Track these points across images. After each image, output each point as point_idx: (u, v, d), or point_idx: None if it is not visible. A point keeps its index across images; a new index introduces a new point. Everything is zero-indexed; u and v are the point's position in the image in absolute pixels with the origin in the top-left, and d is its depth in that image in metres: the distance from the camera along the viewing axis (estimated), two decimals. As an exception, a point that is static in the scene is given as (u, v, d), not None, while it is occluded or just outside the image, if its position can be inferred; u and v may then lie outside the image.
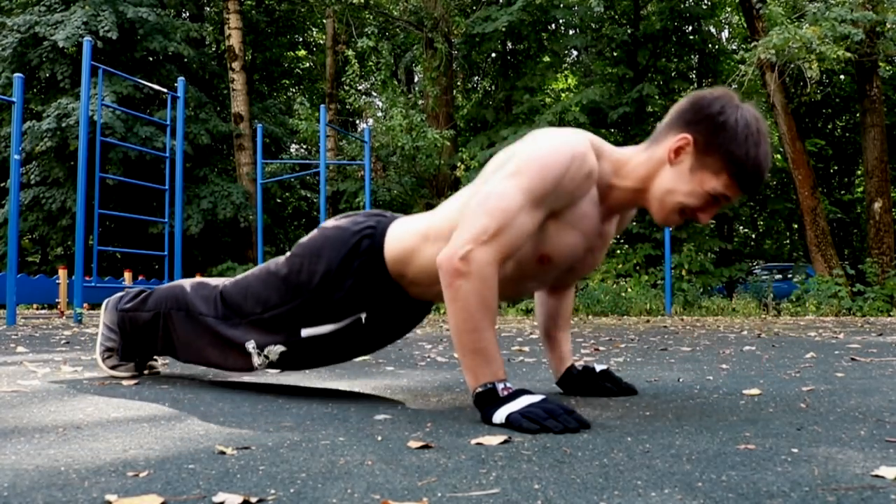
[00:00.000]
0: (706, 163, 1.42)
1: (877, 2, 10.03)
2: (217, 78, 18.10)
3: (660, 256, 12.13)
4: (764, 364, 2.65)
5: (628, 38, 14.88)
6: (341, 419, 1.42)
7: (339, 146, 17.16)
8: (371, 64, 14.22)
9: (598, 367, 1.85)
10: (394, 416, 1.46)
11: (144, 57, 15.83)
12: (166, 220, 7.82)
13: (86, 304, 10.65)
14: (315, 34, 22.01)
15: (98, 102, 7.33)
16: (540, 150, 1.41)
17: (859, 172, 16.93)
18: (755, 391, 1.84)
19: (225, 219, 15.64)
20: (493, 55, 16.62)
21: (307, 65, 22.79)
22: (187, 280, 1.98)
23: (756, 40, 10.82)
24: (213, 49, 19.30)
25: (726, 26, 19.94)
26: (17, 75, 6.34)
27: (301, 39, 22.07)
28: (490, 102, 16.08)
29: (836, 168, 19.00)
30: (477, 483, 0.91)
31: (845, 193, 18.66)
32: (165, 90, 8.07)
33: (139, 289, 2.09)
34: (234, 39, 16.14)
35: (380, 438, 1.22)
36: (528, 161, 1.40)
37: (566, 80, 19.20)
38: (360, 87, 21.16)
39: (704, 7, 15.62)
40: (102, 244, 14.28)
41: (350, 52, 13.64)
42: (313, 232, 1.75)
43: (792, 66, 10.29)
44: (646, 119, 15.46)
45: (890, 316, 9.53)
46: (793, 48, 9.57)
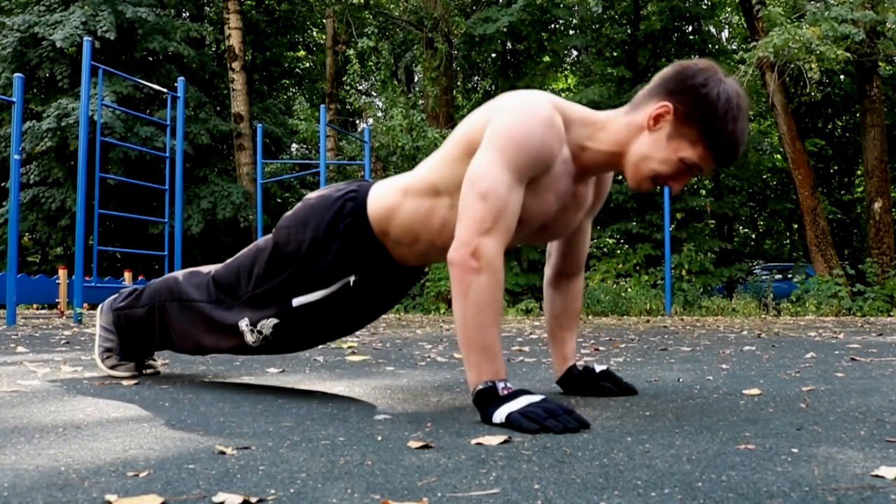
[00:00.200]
0: (684, 132, 1.45)
1: (877, 1, 10.02)
2: (217, 78, 18.10)
3: (660, 256, 12.13)
4: (764, 364, 2.65)
5: (628, 38, 14.88)
6: (341, 419, 1.42)
7: (339, 146, 17.16)
8: (371, 64, 14.22)
9: (599, 367, 1.85)
10: (394, 416, 1.46)
11: (144, 57, 15.83)
12: (166, 220, 7.82)
13: (86, 304, 10.64)
14: (315, 34, 22.01)
15: (98, 102, 7.33)
16: (515, 122, 1.43)
17: (859, 172, 16.93)
18: (755, 391, 1.84)
19: (225, 219, 15.64)
20: (493, 55, 16.62)
21: (307, 65, 22.79)
22: (180, 271, 1.99)
23: (756, 40, 10.83)
24: (213, 49, 19.29)
25: (726, 26, 19.94)
26: (17, 75, 6.34)
27: (301, 39, 22.07)
28: (490, 102, 16.05)
29: (836, 168, 19.00)
30: (477, 483, 0.91)
31: (845, 193, 18.66)
32: (165, 90, 8.07)
33: (131, 288, 2.10)
34: (234, 39, 16.14)
35: (380, 438, 1.22)
36: (506, 137, 1.42)
37: (566, 80, 19.21)
38: (360, 87, 21.15)
39: (704, 7, 15.62)
40: (102, 244, 14.27)
41: (351, 52, 13.65)
42: (297, 205, 1.78)
43: (792, 67, 10.29)
44: (646, 119, 15.41)
45: (890, 316, 9.53)
46: (792, 48, 9.57)
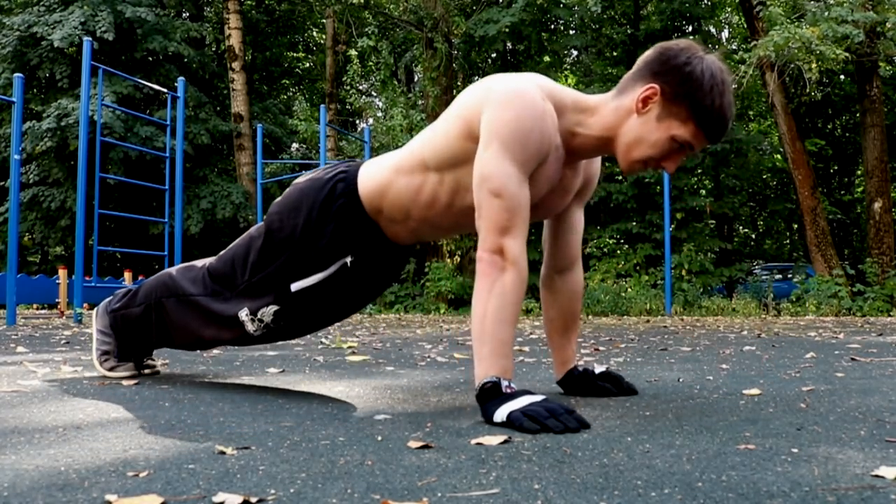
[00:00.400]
0: (673, 111, 1.46)
1: (877, 2, 10.03)
2: (217, 78, 18.11)
3: (660, 256, 12.13)
4: (764, 364, 2.65)
5: (628, 38, 14.88)
6: (341, 419, 1.42)
7: (339, 146, 17.16)
8: (371, 64, 14.22)
9: (599, 367, 1.85)
10: (394, 416, 1.46)
11: (144, 57, 15.84)
12: (166, 220, 7.82)
13: (86, 304, 10.64)
14: (315, 34, 22.01)
15: (98, 102, 7.33)
16: (514, 117, 1.43)
17: (859, 172, 16.93)
18: (755, 391, 1.84)
19: (224, 219, 15.65)
20: (494, 55, 16.62)
21: (307, 65, 22.79)
22: (173, 267, 1.99)
23: (756, 40, 10.83)
24: (213, 49, 19.29)
25: (726, 26, 19.95)
26: (17, 75, 6.34)
27: (301, 39, 22.07)
28: (490, 102, 16.05)
29: (836, 168, 19.01)
30: (477, 483, 0.91)
31: (845, 193, 18.66)
32: (165, 90, 8.07)
33: (125, 289, 2.10)
34: (234, 39, 16.14)
35: (380, 438, 1.22)
36: (507, 132, 1.43)
37: (566, 80, 19.21)
38: (360, 87, 21.15)
39: (704, 7, 15.62)
40: (102, 244, 14.28)
41: (352, 52, 13.65)
42: (287, 190, 1.78)
43: (792, 67, 10.29)
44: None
45: (890, 316, 9.52)
46: (792, 48, 9.57)
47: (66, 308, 10.16)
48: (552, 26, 16.42)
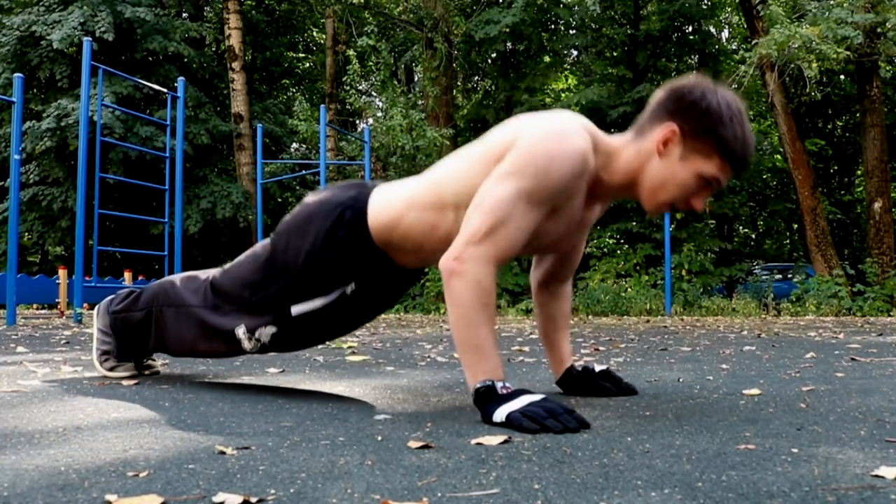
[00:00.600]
0: (696, 148, 1.45)
1: (877, 2, 10.03)
2: (217, 78, 18.10)
3: (660, 256, 12.13)
4: (764, 364, 2.65)
5: (627, 38, 14.88)
6: (341, 419, 1.42)
7: (338, 146, 17.15)
8: (371, 64, 14.22)
9: (598, 367, 1.85)
10: (394, 416, 1.46)
11: (144, 57, 15.83)
12: (166, 220, 7.82)
13: (86, 304, 10.64)
14: (315, 34, 22.01)
15: (98, 102, 7.33)
16: (544, 149, 1.40)
17: (859, 172, 16.93)
18: (755, 391, 1.84)
19: (224, 219, 15.64)
20: (494, 55, 16.62)
21: (307, 65, 22.79)
22: (177, 275, 1.98)
23: (757, 40, 10.83)
24: (213, 49, 19.29)
25: (726, 26, 19.95)
26: (17, 75, 6.34)
27: (301, 39, 22.06)
28: (490, 103, 16.08)
29: (836, 168, 19.00)
30: (477, 483, 0.91)
31: (845, 193, 18.66)
32: (165, 90, 8.07)
33: (128, 290, 2.09)
34: (234, 39, 16.14)
35: (380, 438, 1.22)
36: (529, 161, 1.39)
37: (566, 80, 19.21)
38: (360, 87, 21.14)
39: (704, 7, 15.63)
40: (102, 244, 14.27)
41: (351, 52, 13.64)
42: (296, 208, 1.75)
43: (792, 67, 10.29)
44: (646, 119, 15.38)
45: (890, 316, 9.52)
46: (793, 48, 9.57)
47: (66, 308, 10.16)
48: (552, 26, 16.42)
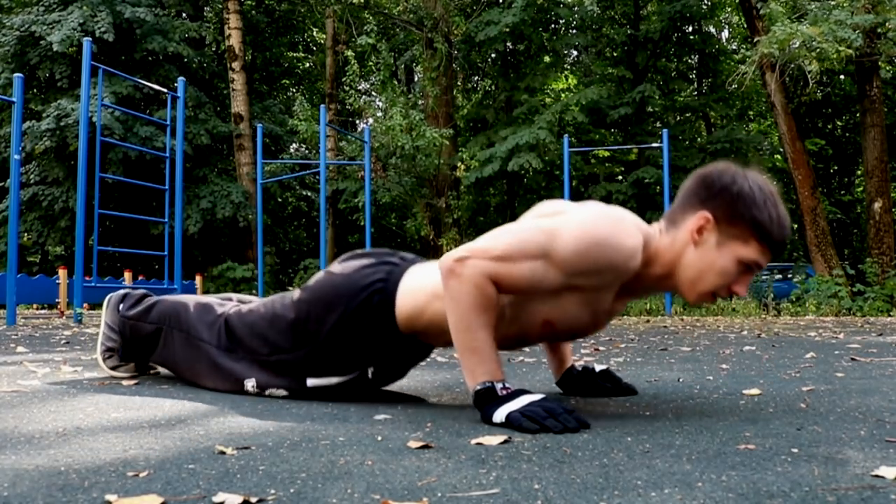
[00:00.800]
0: (732, 233, 1.42)
1: (877, 2, 10.03)
2: (217, 78, 18.10)
3: (660, 256, 12.10)
4: (764, 364, 2.65)
5: (627, 38, 14.89)
6: (341, 419, 1.42)
7: (338, 146, 17.16)
8: (371, 64, 14.22)
9: (598, 367, 1.85)
10: (394, 416, 1.46)
11: (144, 57, 15.83)
12: (166, 220, 7.81)
13: (86, 304, 10.65)
14: (315, 34, 22.01)
15: (98, 103, 7.33)
16: (594, 228, 1.38)
17: (859, 172, 16.93)
18: (755, 391, 1.84)
19: (224, 218, 15.64)
20: (494, 55, 16.62)
21: (307, 65, 22.79)
22: (192, 298, 1.95)
23: (757, 39, 10.83)
24: (213, 49, 19.30)
25: (726, 26, 19.96)
26: (17, 75, 6.34)
27: (301, 39, 22.06)
28: (490, 102, 16.08)
29: (836, 168, 19.02)
30: (477, 483, 0.91)
31: (845, 193, 18.67)
32: (165, 90, 8.07)
33: (142, 292, 2.07)
34: (234, 39, 16.14)
35: (380, 438, 1.22)
36: (576, 232, 1.37)
37: (566, 80, 19.21)
38: (360, 87, 21.14)
39: (704, 7, 15.64)
40: (102, 244, 14.27)
41: (350, 52, 13.64)
42: (320, 275, 1.71)
43: (792, 66, 10.29)
44: (646, 119, 15.46)
45: (890, 316, 9.52)
46: (794, 46, 9.57)
47: (66, 308, 10.16)
48: (552, 26, 16.42)
